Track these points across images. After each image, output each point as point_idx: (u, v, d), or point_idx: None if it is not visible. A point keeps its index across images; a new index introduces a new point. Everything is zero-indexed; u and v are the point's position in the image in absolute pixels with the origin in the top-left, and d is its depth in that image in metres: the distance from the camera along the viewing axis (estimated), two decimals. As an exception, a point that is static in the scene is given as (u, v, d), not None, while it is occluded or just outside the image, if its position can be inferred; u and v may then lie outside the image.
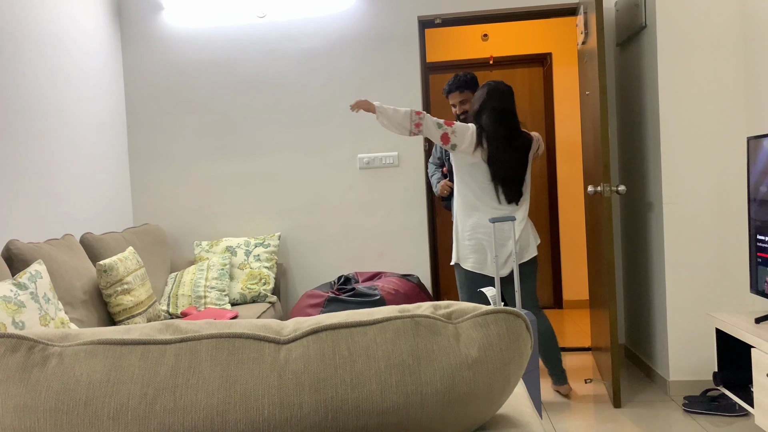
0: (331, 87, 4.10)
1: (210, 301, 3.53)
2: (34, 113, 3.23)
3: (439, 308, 0.94)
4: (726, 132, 3.21)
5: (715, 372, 2.80)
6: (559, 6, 4.00)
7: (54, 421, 0.81)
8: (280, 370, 0.83)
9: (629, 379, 3.57)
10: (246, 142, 4.18)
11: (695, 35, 3.21)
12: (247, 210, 4.19)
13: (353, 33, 4.08)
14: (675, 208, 3.24)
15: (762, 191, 2.59)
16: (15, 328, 2.25)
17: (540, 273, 5.56)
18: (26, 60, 3.18)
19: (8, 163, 3.01)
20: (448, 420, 0.87)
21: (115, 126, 4.09)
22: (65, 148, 3.48)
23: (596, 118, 3.28)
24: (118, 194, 4.06)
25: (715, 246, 3.23)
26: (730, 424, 2.88)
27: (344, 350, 0.85)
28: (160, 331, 0.89)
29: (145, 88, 4.21)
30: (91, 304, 2.95)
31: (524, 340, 0.92)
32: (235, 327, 0.89)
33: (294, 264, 4.18)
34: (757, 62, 3.04)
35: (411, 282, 3.70)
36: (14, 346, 0.86)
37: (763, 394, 2.37)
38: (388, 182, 4.07)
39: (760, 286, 2.64)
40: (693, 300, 3.25)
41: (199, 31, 4.17)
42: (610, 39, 3.96)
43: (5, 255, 2.72)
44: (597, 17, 3.16)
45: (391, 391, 0.83)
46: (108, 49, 4.03)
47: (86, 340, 0.87)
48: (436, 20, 4.07)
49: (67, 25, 3.57)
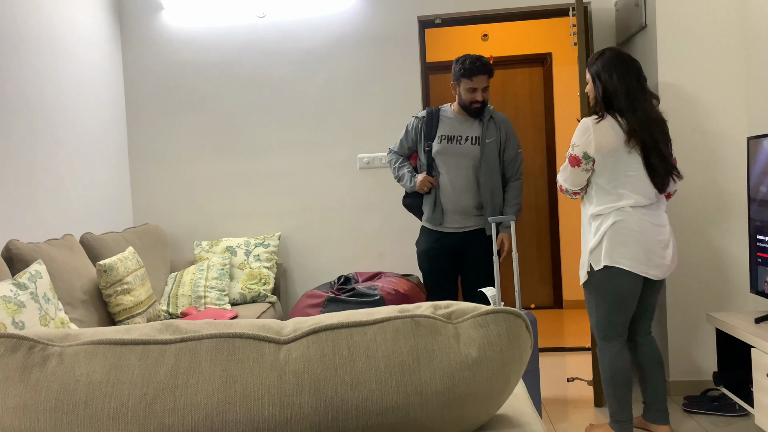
0: (331, 87, 4.10)
1: (210, 301, 3.53)
2: (34, 113, 3.23)
3: (439, 308, 0.94)
4: (726, 132, 3.21)
5: (715, 372, 2.80)
6: (558, 6, 4.00)
7: (54, 421, 0.81)
8: (280, 370, 0.83)
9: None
10: (246, 142, 4.18)
11: (695, 35, 3.21)
12: (247, 210, 4.19)
13: (353, 33, 4.08)
14: (674, 208, 3.24)
15: (762, 191, 2.59)
16: (15, 328, 2.25)
17: (540, 273, 5.56)
18: (26, 60, 3.18)
19: (8, 163, 3.01)
20: (448, 420, 0.87)
21: (115, 126, 4.09)
22: (65, 148, 3.48)
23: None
24: (118, 194, 4.06)
25: (715, 246, 3.23)
26: (730, 424, 2.88)
27: (344, 350, 0.85)
28: (160, 331, 0.89)
29: (145, 88, 4.21)
30: (91, 304, 2.95)
31: (524, 340, 0.92)
32: (235, 327, 0.89)
33: (294, 264, 4.18)
34: (757, 62, 3.04)
35: (411, 282, 3.70)
36: (14, 346, 0.86)
37: (763, 394, 2.37)
38: (388, 182, 4.06)
39: (760, 286, 2.63)
40: (693, 300, 3.25)
41: (199, 31, 4.17)
42: (610, 39, 3.96)
43: (5, 255, 2.72)
44: (577, 19, 3.18)
45: (391, 391, 0.83)
46: (108, 49, 4.03)
47: (86, 340, 0.87)
48: (436, 20, 4.07)
49: (67, 25, 3.57)
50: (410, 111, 4.07)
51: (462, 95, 3.22)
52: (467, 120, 3.28)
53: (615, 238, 2.56)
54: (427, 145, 3.29)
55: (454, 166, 3.24)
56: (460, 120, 3.29)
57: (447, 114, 3.32)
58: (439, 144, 3.26)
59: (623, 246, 2.56)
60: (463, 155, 3.24)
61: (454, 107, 3.32)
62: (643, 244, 2.56)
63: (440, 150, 3.25)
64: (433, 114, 3.32)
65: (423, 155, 3.31)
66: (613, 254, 2.56)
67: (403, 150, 3.41)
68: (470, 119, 3.28)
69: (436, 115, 3.32)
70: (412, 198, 3.39)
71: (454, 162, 3.24)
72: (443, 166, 3.26)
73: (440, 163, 3.26)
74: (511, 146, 3.30)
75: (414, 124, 3.35)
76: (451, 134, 3.26)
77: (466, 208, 3.24)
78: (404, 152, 3.41)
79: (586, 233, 2.70)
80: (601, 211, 2.61)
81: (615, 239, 2.56)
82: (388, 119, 4.07)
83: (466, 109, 3.23)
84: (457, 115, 3.30)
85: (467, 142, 3.25)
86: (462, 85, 3.19)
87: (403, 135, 3.40)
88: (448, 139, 3.26)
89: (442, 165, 3.26)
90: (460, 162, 3.23)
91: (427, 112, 3.34)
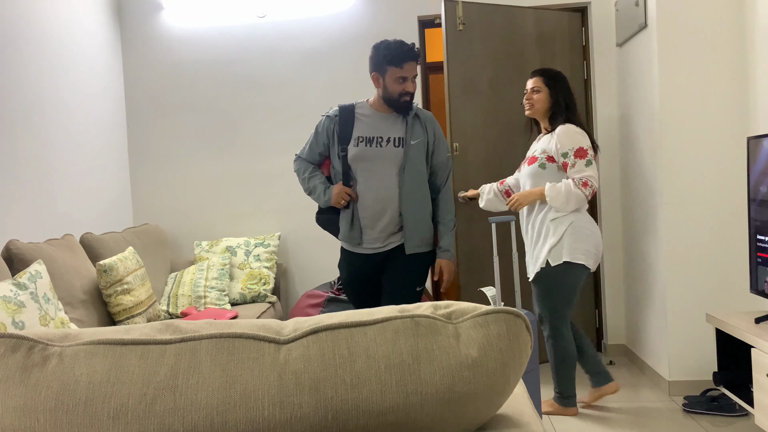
0: (331, 87, 4.10)
1: (210, 301, 3.53)
2: (34, 113, 3.23)
3: (439, 308, 0.94)
4: (726, 132, 3.21)
5: (715, 372, 2.80)
6: (558, 5, 4.00)
7: (54, 421, 0.81)
8: (280, 370, 0.83)
9: (629, 379, 3.57)
10: (246, 142, 4.18)
11: (695, 35, 3.21)
12: (247, 210, 4.19)
13: (353, 33, 4.08)
14: (674, 208, 3.24)
15: (762, 191, 2.59)
16: (15, 328, 2.25)
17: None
18: (26, 60, 3.18)
19: (8, 163, 3.01)
20: (448, 420, 0.87)
21: (115, 126, 4.09)
22: (65, 148, 3.48)
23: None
24: (118, 194, 4.06)
25: (715, 246, 3.23)
26: (730, 424, 2.88)
27: (344, 350, 0.85)
28: (160, 331, 0.89)
29: (145, 88, 4.21)
30: (91, 304, 2.95)
31: (524, 340, 0.92)
32: (235, 327, 0.89)
33: (294, 264, 4.18)
34: (757, 62, 3.04)
35: (411, 282, 3.69)
36: (14, 346, 0.86)
37: (763, 394, 2.37)
38: (388, 182, 4.06)
39: (760, 286, 2.64)
40: (693, 300, 3.25)
41: (199, 31, 4.17)
42: (610, 39, 3.96)
43: (5, 255, 2.72)
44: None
45: (391, 391, 0.83)
46: (108, 49, 4.03)
47: (86, 340, 0.87)
48: (436, 20, 4.07)
49: (67, 25, 3.57)
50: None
51: (388, 87, 2.67)
52: (388, 118, 2.74)
53: (573, 236, 2.90)
54: (342, 150, 2.72)
55: (375, 173, 2.70)
56: (380, 118, 2.74)
57: (364, 111, 2.76)
58: (356, 147, 2.69)
59: (579, 243, 2.90)
60: (385, 160, 2.69)
61: (373, 103, 2.78)
62: (594, 241, 2.95)
63: (358, 155, 2.69)
64: (347, 112, 2.76)
65: (337, 161, 2.74)
66: (573, 251, 2.89)
67: (313, 156, 2.82)
68: (391, 117, 2.74)
69: (351, 113, 2.75)
70: (329, 213, 2.82)
71: (375, 168, 2.70)
72: (362, 173, 2.71)
73: (358, 171, 2.71)
74: (441, 149, 2.79)
75: (325, 125, 2.78)
76: (369, 135, 2.71)
77: (389, 223, 2.71)
78: (315, 159, 2.83)
79: (539, 234, 2.99)
80: (559, 214, 2.92)
81: (573, 238, 2.90)
82: (388, 119, 4.06)
83: (393, 103, 2.70)
84: (375, 112, 2.75)
85: (389, 144, 2.70)
86: (388, 75, 2.66)
87: (312, 138, 2.81)
88: (366, 141, 2.70)
89: (360, 172, 2.71)
90: (382, 168, 2.70)
91: (340, 110, 2.78)
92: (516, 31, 3.86)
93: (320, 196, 2.76)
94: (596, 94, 3.99)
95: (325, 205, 2.78)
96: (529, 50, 3.88)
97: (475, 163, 3.77)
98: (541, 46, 3.90)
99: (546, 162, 2.94)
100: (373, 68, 2.72)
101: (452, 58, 3.71)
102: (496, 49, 3.82)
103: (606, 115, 3.98)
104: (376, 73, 2.70)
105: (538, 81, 3.00)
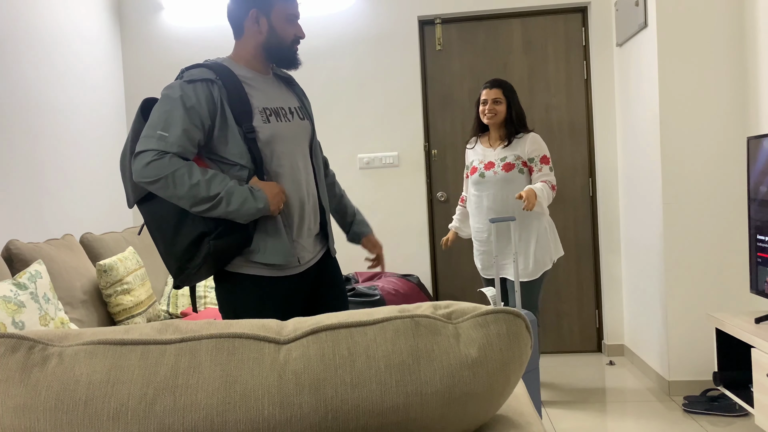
0: (331, 87, 4.10)
1: (210, 301, 3.53)
2: (34, 113, 3.23)
3: (439, 308, 0.94)
4: (726, 132, 3.21)
5: (715, 372, 2.80)
6: (558, 6, 4.00)
7: (54, 421, 0.81)
8: (280, 370, 0.83)
9: (629, 379, 3.57)
10: (246, 142, 4.17)
11: (695, 35, 3.21)
12: (247, 210, 4.19)
13: (353, 33, 4.08)
14: (674, 208, 3.24)
15: (762, 191, 2.59)
16: (15, 328, 2.25)
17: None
18: (26, 60, 3.18)
19: (8, 163, 3.01)
20: (448, 420, 0.87)
21: (115, 126, 4.09)
22: (65, 148, 3.48)
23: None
24: (118, 194, 4.05)
25: (715, 246, 3.23)
26: (730, 424, 2.88)
27: (344, 350, 0.85)
28: (160, 331, 0.89)
29: (145, 88, 4.21)
30: (91, 304, 2.95)
31: (524, 340, 0.92)
32: (235, 327, 0.89)
33: (294, 264, 4.18)
34: (757, 62, 3.04)
35: (411, 282, 3.70)
36: (14, 346, 0.86)
37: (763, 394, 2.37)
38: (388, 182, 4.06)
39: (760, 286, 2.64)
40: (693, 300, 3.25)
41: (199, 31, 4.17)
42: (610, 39, 3.96)
43: (5, 255, 2.72)
44: None
45: (391, 391, 0.83)
46: (108, 49, 4.03)
47: (86, 340, 0.87)
48: (436, 20, 4.07)
49: (67, 25, 3.57)
50: (410, 111, 4.07)
51: (277, 29, 1.94)
52: (272, 81, 2.03)
53: (554, 234, 3.31)
54: (248, 129, 1.85)
55: (291, 158, 1.97)
56: (265, 81, 2.00)
57: (244, 73, 1.95)
58: (266, 124, 1.90)
59: (558, 241, 3.34)
60: (298, 138, 2.00)
61: (247, 60, 1.98)
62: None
63: (274, 134, 1.91)
64: (227, 74, 1.88)
65: (241, 147, 1.86)
66: (558, 249, 3.33)
67: (191, 145, 1.82)
68: (271, 79, 2.03)
69: (233, 76, 1.89)
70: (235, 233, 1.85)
71: (290, 152, 1.96)
72: (277, 160, 1.93)
73: (273, 157, 1.92)
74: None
75: (203, 94, 1.82)
76: (273, 105, 1.96)
77: (314, 222, 2.03)
78: (190, 151, 1.82)
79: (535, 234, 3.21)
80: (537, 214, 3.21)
81: (553, 236, 3.30)
82: (388, 119, 4.07)
83: (283, 53, 1.98)
84: (257, 73, 1.99)
85: (295, 117, 2.01)
86: (276, 12, 1.93)
87: (184, 117, 1.79)
88: (274, 114, 1.94)
89: (275, 159, 1.93)
90: (296, 150, 1.99)
91: (217, 71, 1.87)
92: (501, 41, 4.06)
93: (246, 203, 1.79)
94: (596, 94, 3.99)
95: (257, 215, 1.82)
96: (514, 58, 4.06)
97: (453, 168, 4.12)
98: (529, 53, 4.06)
99: (522, 167, 3.21)
100: (251, 3, 1.92)
101: (430, 76, 4.06)
102: (476, 63, 4.07)
103: (606, 115, 3.98)
104: (257, 11, 1.92)
105: (498, 92, 3.23)
